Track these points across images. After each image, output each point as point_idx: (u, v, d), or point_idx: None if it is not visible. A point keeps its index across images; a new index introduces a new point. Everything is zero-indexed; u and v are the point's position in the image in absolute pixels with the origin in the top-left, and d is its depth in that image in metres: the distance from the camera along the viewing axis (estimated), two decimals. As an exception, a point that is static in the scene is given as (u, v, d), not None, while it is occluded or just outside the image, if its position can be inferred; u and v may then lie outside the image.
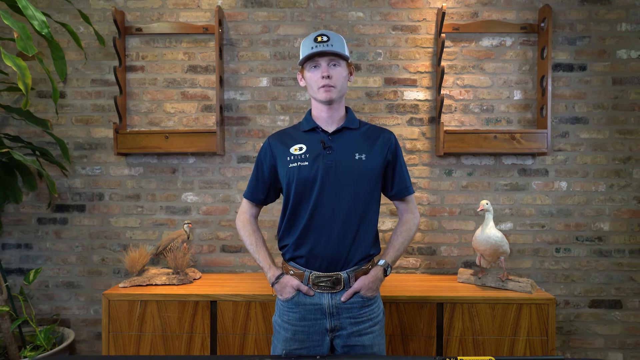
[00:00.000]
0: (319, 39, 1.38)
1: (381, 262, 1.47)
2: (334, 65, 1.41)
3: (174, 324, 1.99)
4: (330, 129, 1.46)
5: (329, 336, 1.41)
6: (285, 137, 1.50)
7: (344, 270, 1.41)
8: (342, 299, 1.40)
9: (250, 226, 1.55)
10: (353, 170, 1.40)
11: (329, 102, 1.43)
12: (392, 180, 1.51)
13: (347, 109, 1.52)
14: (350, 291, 1.40)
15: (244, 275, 2.37)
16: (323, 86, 1.39)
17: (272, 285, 1.46)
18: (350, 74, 1.49)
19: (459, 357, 1.21)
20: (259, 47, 2.45)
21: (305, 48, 1.42)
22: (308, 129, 1.47)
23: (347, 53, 1.43)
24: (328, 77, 1.39)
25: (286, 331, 1.43)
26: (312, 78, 1.42)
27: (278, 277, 1.45)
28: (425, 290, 2.05)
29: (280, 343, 1.43)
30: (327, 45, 1.37)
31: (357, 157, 1.41)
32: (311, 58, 1.40)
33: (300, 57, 1.43)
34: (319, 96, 1.42)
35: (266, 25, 2.44)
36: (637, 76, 2.39)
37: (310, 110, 1.52)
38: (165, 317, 1.99)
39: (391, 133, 1.51)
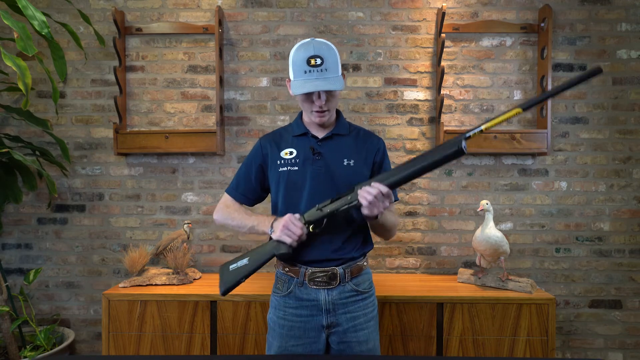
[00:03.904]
0: (313, 61, 1.30)
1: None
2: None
3: (174, 324, 1.99)
4: (320, 134, 1.46)
5: (324, 333, 1.42)
6: (277, 140, 1.49)
7: (339, 266, 1.41)
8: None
9: (232, 206, 1.49)
10: (341, 176, 1.40)
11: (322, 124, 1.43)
12: None
13: (337, 112, 1.50)
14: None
15: (244, 275, 2.37)
16: (317, 111, 1.38)
17: (272, 226, 1.36)
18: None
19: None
20: (259, 47, 2.45)
21: (296, 68, 1.33)
22: (299, 134, 1.47)
23: (339, 71, 1.35)
24: (323, 104, 1.36)
25: (282, 327, 1.43)
26: (304, 100, 1.38)
27: (275, 220, 1.37)
28: (425, 290, 2.05)
29: (276, 340, 1.43)
30: (321, 70, 1.30)
31: (345, 163, 1.42)
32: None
33: (291, 74, 1.36)
34: (313, 119, 1.41)
35: (266, 25, 2.44)
36: (637, 76, 2.39)
37: (301, 113, 1.50)
38: (165, 317, 1.99)
39: (380, 139, 1.51)
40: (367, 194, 1.24)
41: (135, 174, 2.48)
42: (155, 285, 2.14)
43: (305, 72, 1.32)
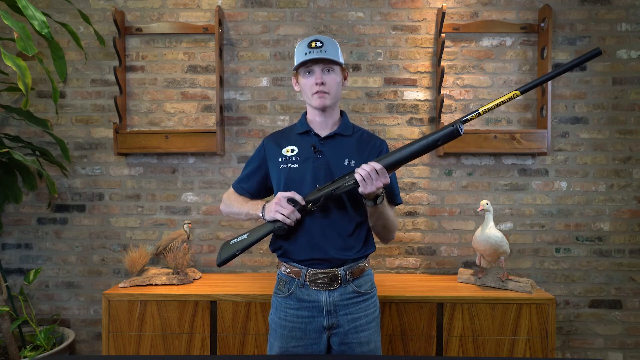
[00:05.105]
0: (313, 44, 1.39)
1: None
2: (328, 71, 1.41)
3: (174, 324, 1.99)
4: (323, 133, 1.48)
5: (325, 334, 1.42)
6: (280, 138, 1.52)
7: (340, 267, 1.41)
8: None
9: (232, 196, 1.55)
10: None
11: (323, 109, 1.44)
12: None
13: (342, 113, 1.53)
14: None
15: (244, 275, 2.37)
16: (317, 92, 1.41)
17: (263, 210, 1.42)
18: (345, 78, 1.50)
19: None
20: (259, 47, 2.45)
21: (299, 53, 1.42)
22: (302, 132, 1.49)
23: (341, 58, 1.44)
24: (322, 83, 1.40)
25: (283, 328, 1.43)
26: (306, 84, 1.43)
27: (267, 202, 1.44)
28: (425, 290, 2.05)
29: (277, 340, 1.44)
30: (321, 51, 1.38)
31: (346, 163, 1.43)
32: (305, 64, 1.41)
33: (295, 62, 1.44)
34: (313, 102, 1.43)
35: (266, 25, 2.44)
36: (637, 76, 2.39)
37: (305, 112, 1.54)
38: (165, 317, 1.99)
39: (383, 141, 1.52)
40: (362, 169, 1.28)
41: (135, 174, 2.48)
42: (155, 285, 2.14)
43: (306, 53, 1.39)
